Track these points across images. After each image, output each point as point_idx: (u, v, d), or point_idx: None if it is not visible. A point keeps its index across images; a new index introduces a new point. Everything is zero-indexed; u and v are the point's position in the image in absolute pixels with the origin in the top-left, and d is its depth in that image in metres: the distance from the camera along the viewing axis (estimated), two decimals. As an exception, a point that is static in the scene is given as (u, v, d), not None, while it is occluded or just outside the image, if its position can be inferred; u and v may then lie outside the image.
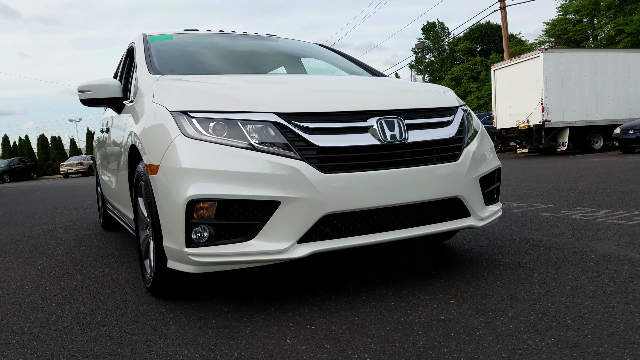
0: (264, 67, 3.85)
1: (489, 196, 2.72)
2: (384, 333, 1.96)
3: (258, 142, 2.18)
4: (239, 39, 4.06)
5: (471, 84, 43.37)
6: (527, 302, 2.21)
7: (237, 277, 2.87)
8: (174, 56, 3.53)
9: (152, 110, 2.54)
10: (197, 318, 2.27)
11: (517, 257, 2.98)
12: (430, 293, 2.41)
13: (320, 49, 4.30)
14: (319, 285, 2.63)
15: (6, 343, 2.12)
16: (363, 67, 3.90)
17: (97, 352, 1.95)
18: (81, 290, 2.88)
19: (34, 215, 7.45)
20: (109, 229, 5.20)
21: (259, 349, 1.89)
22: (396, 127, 2.35)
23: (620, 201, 4.89)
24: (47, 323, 2.35)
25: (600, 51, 17.22)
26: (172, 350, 1.93)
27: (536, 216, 4.39)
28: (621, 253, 2.92)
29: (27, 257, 4.01)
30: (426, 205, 2.41)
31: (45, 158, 41.62)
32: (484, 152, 2.70)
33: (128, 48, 4.00)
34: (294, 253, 2.15)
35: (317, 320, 2.15)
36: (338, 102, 2.41)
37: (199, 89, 2.56)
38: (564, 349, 1.72)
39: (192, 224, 2.15)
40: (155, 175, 2.32)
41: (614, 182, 6.59)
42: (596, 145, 16.06)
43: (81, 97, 3.12)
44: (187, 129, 2.23)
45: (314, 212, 2.14)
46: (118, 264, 3.50)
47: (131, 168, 3.01)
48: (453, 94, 2.96)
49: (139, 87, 3.00)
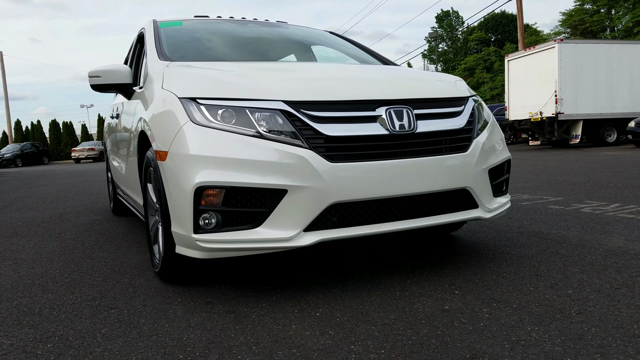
0: (274, 55, 3.84)
1: (497, 188, 2.71)
2: (387, 321, 1.98)
3: (266, 130, 2.18)
4: (249, 26, 4.05)
5: (485, 75, 42.89)
6: (532, 294, 2.21)
7: (244, 263, 2.90)
8: (184, 42, 3.54)
9: (161, 97, 2.56)
10: (204, 303, 2.30)
11: (525, 250, 2.97)
12: (435, 283, 2.41)
13: (330, 36, 4.28)
14: (325, 274, 2.65)
15: (17, 324, 2.17)
16: (374, 55, 3.88)
17: (106, 334, 1.99)
18: (91, 273, 2.93)
19: (45, 200, 7.54)
20: (119, 214, 5.25)
21: (264, 334, 1.91)
22: (405, 117, 2.34)
23: (632, 195, 4.85)
24: (57, 305, 2.39)
25: (617, 43, 16.94)
26: (179, 334, 1.95)
27: (545, 209, 4.36)
28: (630, 247, 2.90)
29: (39, 241, 4.07)
30: (434, 196, 2.41)
31: (57, 143, 41.99)
32: (494, 144, 2.69)
33: (138, 34, 4.01)
34: (300, 241, 2.16)
35: (322, 307, 2.17)
36: (347, 91, 2.41)
37: (208, 75, 2.56)
38: (568, 341, 1.72)
39: (200, 211, 2.17)
40: (164, 161, 2.33)
41: (626, 176, 6.52)
42: (609, 138, 15.86)
43: (91, 83, 3.14)
44: (196, 116, 2.24)
45: (321, 201, 2.15)
46: (127, 249, 3.55)
47: (141, 154, 3.04)
48: (464, 83, 2.94)
49: (148, 73, 3.01)
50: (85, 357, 1.79)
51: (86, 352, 1.83)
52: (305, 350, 1.76)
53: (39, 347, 1.90)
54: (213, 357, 1.74)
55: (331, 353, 1.73)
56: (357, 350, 1.74)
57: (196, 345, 1.85)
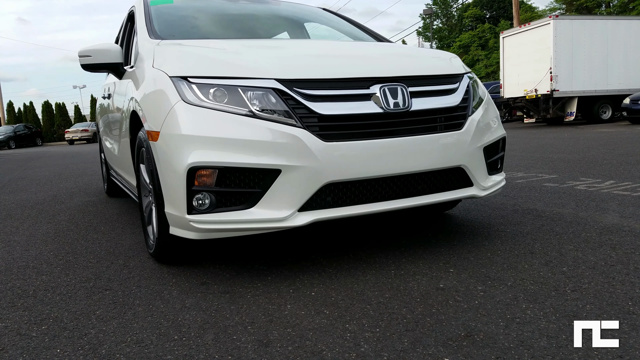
0: (267, 32, 3.78)
1: (492, 166, 2.70)
2: (382, 300, 1.98)
3: (259, 109, 2.15)
4: (240, 3, 3.98)
5: (479, 52, 42.63)
6: (527, 271, 2.21)
7: (239, 244, 2.89)
8: (175, 20, 3.47)
9: (152, 76, 2.51)
10: (199, 283, 2.29)
11: (519, 227, 2.98)
12: (430, 262, 2.42)
13: (324, 13, 4.21)
14: (320, 253, 2.65)
15: (11, 306, 2.16)
16: (368, 32, 3.82)
17: (100, 315, 1.98)
18: (85, 255, 2.92)
19: (39, 182, 7.49)
20: (112, 196, 5.23)
21: (259, 314, 1.91)
22: (399, 95, 2.32)
23: (627, 172, 4.86)
24: (52, 287, 2.38)
25: (612, 18, 16.80)
26: (174, 314, 1.95)
27: (540, 186, 4.37)
28: (624, 224, 2.91)
29: (32, 223, 4.04)
30: (429, 175, 2.40)
31: (50, 125, 41.59)
32: (489, 121, 2.67)
33: (129, 12, 3.93)
34: (295, 221, 2.15)
35: (317, 287, 2.17)
36: (340, 69, 2.37)
37: (199, 54, 2.52)
38: (562, 318, 1.73)
39: (193, 191, 2.14)
40: (156, 142, 2.30)
41: (621, 153, 6.53)
42: (604, 115, 15.83)
43: (82, 62, 3.08)
44: (187, 95, 2.20)
45: (315, 181, 2.13)
46: (122, 230, 3.53)
47: (133, 134, 3.00)
48: (459, 60, 2.90)
49: (139, 52, 2.95)
50: (80, 338, 1.79)
51: (81, 334, 1.82)
52: (301, 330, 1.76)
53: (34, 329, 1.89)
54: (208, 337, 1.74)
55: (326, 332, 1.73)
56: (352, 329, 1.75)
57: (191, 325, 1.85)
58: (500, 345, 1.58)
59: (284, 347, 1.65)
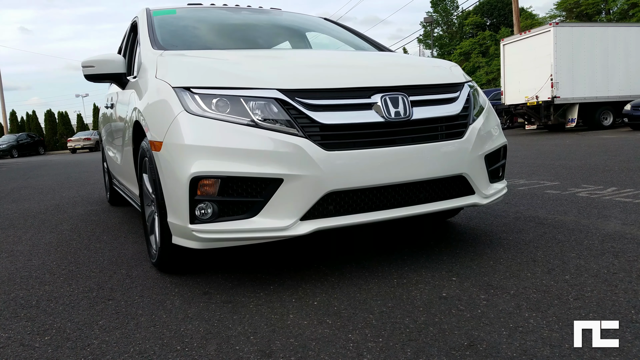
0: (268, 42, 3.81)
1: (494, 174, 2.70)
2: (385, 309, 1.98)
3: (261, 119, 2.16)
4: (243, 13, 4.01)
5: (480, 59, 42.70)
6: (529, 280, 2.21)
7: (241, 253, 2.89)
8: (178, 31, 3.50)
9: (155, 86, 2.53)
10: (201, 293, 2.29)
11: (522, 235, 2.98)
12: (432, 270, 2.42)
13: (325, 23, 4.23)
14: (322, 262, 2.65)
15: (14, 316, 2.16)
16: (369, 41, 3.85)
17: (103, 326, 1.99)
18: (88, 264, 2.92)
19: (41, 191, 7.51)
20: (115, 205, 5.24)
21: (261, 324, 1.91)
22: (400, 104, 2.33)
23: (628, 179, 4.85)
24: (54, 297, 2.38)
25: (612, 26, 16.86)
26: (177, 324, 1.95)
27: (542, 194, 4.37)
28: (627, 231, 2.91)
29: (35, 232, 4.05)
30: (430, 183, 2.40)
31: (53, 133, 41.74)
32: (490, 129, 2.67)
33: (132, 23, 3.96)
34: (297, 230, 2.15)
35: (320, 296, 2.17)
36: (342, 78, 2.39)
37: (202, 64, 2.54)
38: (565, 327, 1.73)
39: (196, 201, 2.15)
40: (159, 151, 2.32)
41: (622, 160, 6.53)
42: (606, 122, 15.83)
43: (85, 73, 3.11)
44: (190, 106, 2.22)
45: (317, 190, 2.14)
46: (124, 239, 3.54)
47: (135, 144, 3.01)
48: (459, 69, 2.91)
49: (142, 63, 2.98)
50: (83, 349, 1.79)
51: (84, 344, 1.83)
52: (303, 340, 1.76)
53: (37, 340, 1.90)
54: (211, 347, 1.74)
55: (329, 342, 1.73)
56: (355, 339, 1.74)
57: (194, 336, 1.85)
58: (503, 355, 1.57)
59: (286, 357, 1.65)
